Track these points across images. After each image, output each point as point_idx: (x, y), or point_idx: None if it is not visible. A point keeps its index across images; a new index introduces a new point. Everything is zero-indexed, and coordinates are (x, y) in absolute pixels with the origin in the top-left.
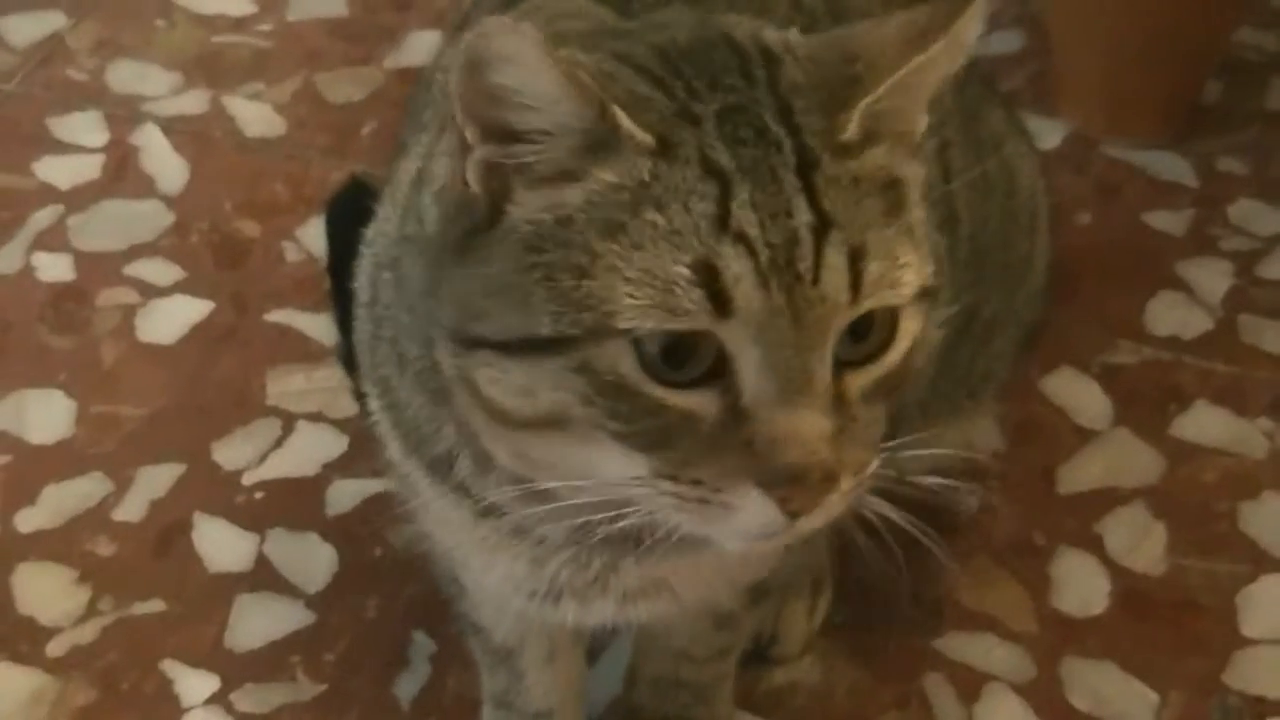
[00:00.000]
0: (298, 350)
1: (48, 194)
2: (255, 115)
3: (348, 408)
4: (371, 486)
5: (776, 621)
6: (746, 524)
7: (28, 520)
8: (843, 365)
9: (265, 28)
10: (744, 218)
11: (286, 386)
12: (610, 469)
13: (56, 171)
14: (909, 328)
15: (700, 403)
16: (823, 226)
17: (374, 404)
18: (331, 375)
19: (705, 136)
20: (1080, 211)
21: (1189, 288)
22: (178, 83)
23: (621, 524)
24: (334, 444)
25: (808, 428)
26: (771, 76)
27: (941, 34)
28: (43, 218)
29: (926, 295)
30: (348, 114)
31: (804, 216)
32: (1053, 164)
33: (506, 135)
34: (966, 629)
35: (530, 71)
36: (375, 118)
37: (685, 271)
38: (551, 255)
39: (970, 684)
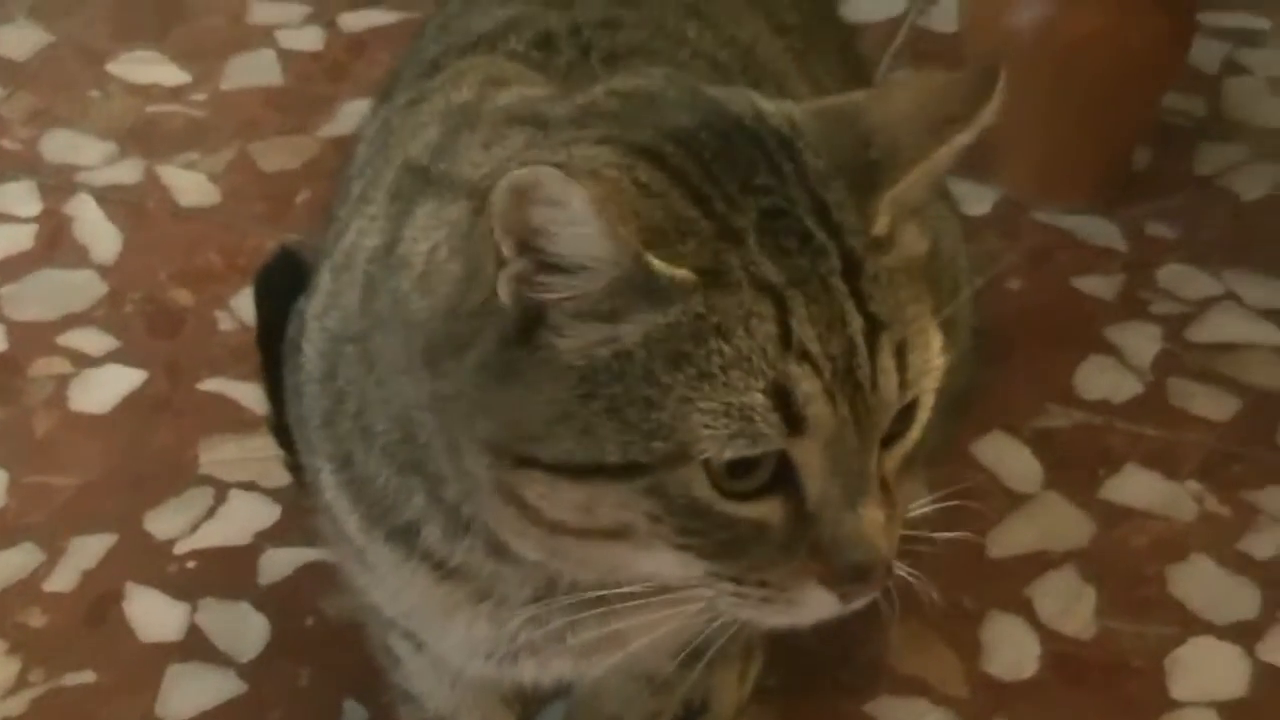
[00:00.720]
0: (231, 419)
1: None
2: (190, 185)
3: (281, 477)
4: (304, 555)
5: (708, 687)
6: (807, 616)
7: None
8: (881, 447)
9: (200, 97)
10: (804, 334)
11: (220, 455)
12: (668, 571)
13: None
14: (927, 400)
15: (766, 512)
16: (873, 330)
17: (329, 479)
18: (265, 445)
19: (750, 254)
20: (1011, 277)
21: (1119, 352)
22: (112, 152)
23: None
24: (267, 513)
25: (870, 526)
26: (799, 169)
27: (966, 125)
28: None
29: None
30: (282, 183)
31: (856, 323)
32: (983, 229)
33: (544, 265)
34: (898, 693)
35: (577, 224)
36: (310, 187)
37: (760, 399)
38: (614, 389)
39: None
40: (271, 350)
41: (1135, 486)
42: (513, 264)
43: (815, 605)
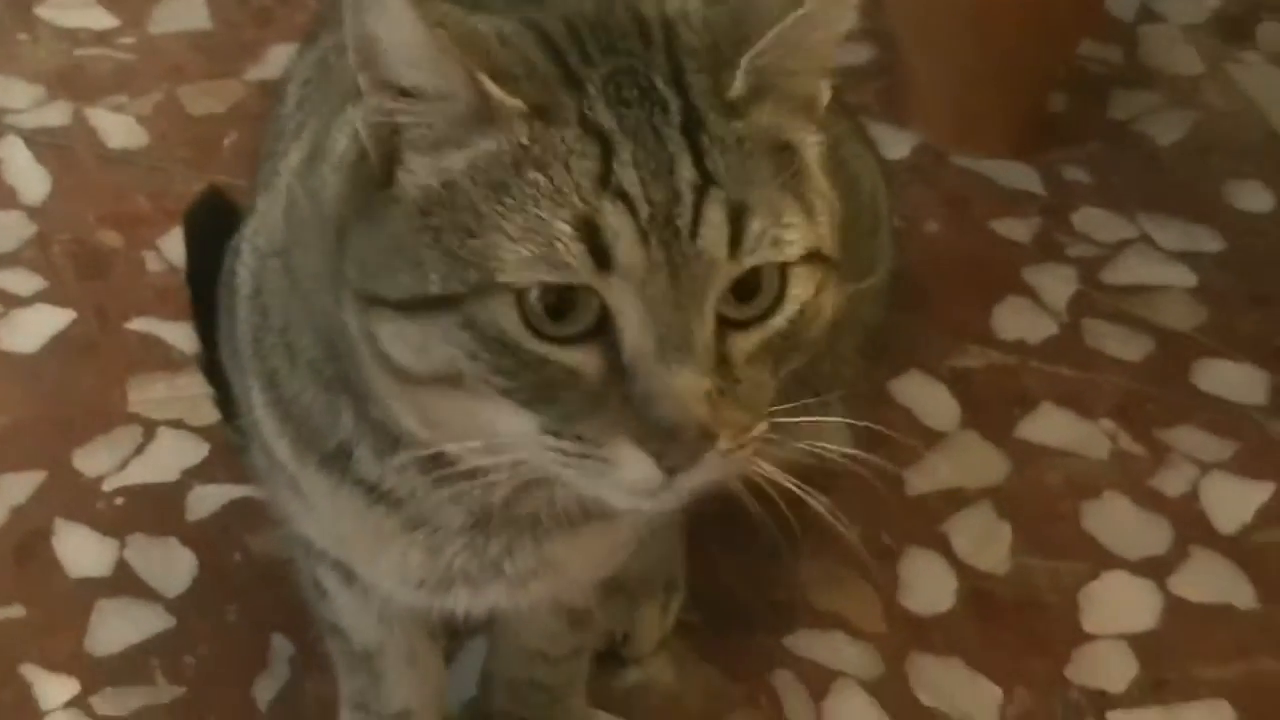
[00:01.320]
0: (159, 359)
1: None
2: (118, 127)
3: (209, 415)
4: (232, 492)
5: (630, 621)
6: (626, 479)
7: None
8: (728, 326)
9: (128, 40)
10: (625, 176)
11: (148, 394)
12: (502, 426)
13: None
14: (797, 292)
15: (581, 359)
16: (704, 184)
17: (258, 399)
18: (193, 383)
19: (588, 99)
20: (929, 220)
21: (1035, 294)
22: (40, 95)
23: (515, 483)
24: (194, 451)
25: (684, 385)
26: (668, 40)
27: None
28: None
29: (822, 261)
30: (209, 126)
31: (686, 174)
32: (902, 174)
33: (391, 88)
34: (817, 627)
35: (398, 26)
36: (236, 130)
37: (566, 228)
38: (440, 218)
39: (820, 681)
40: (200, 289)
41: (1050, 425)
42: (370, 98)
43: (630, 467)
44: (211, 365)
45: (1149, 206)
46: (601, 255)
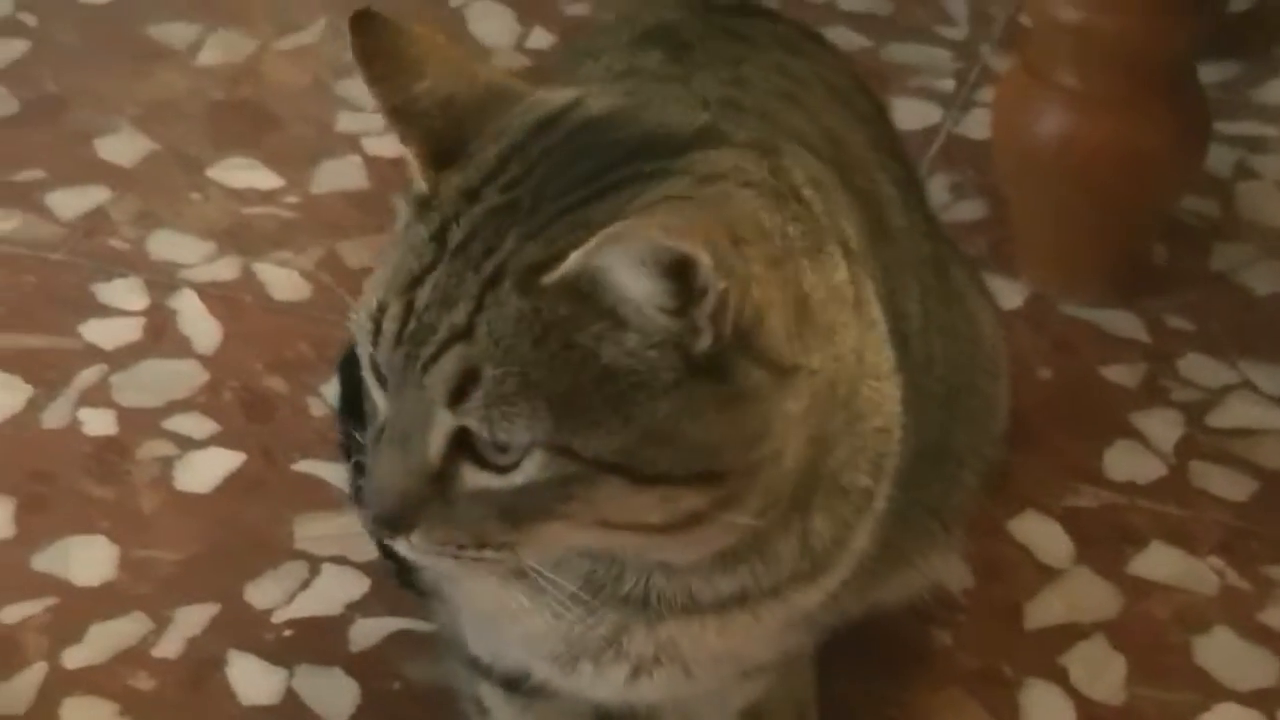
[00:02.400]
0: (322, 498)
1: (92, 354)
2: (282, 280)
3: (369, 552)
4: (391, 625)
5: None
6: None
7: (74, 657)
8: (471, 460)
9: (291, 200)
10: (422, 292)
11: (312, 531)
12: None
13: (100, 333)
14: (531, 468)
15: (376, 405)
16: (459, 335)
17: None
18: (354, 521)
19: (461, 213)
20: (1041, 366)
21: (1143, 436)
22: (211, 251)
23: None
24: (356, 585)
25: (385, 473)
26: (564, 209)
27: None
28: (88, 376)
29: (581, 460)
30: (367, 278)
31: (457, 319)
32: (1014, 322)
33: None
34: None
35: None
36: None
37: (373, 303)
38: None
39: None
40: (352, 422)
41: (1159, 562)
42: None
43: (365, 511)
44: (360, 495)
45: (1249, 353)
46: (377, 338)
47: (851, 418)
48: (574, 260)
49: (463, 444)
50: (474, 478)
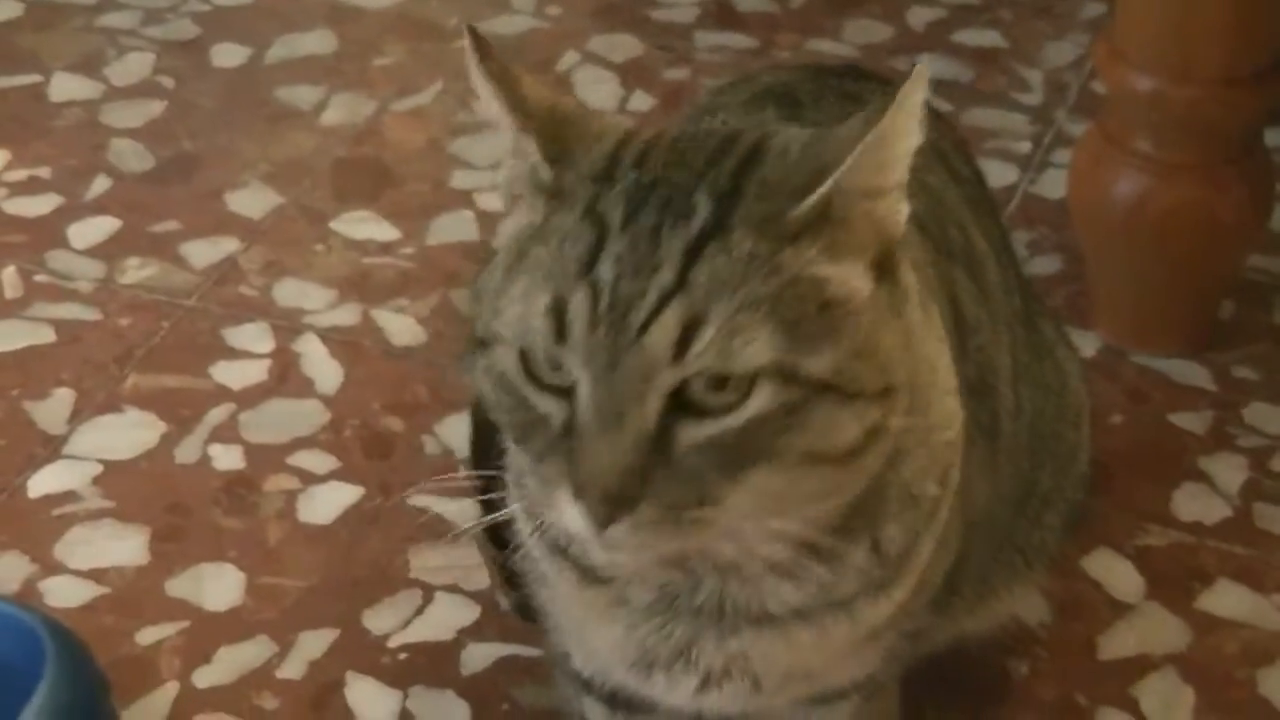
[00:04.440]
0: (436, 530)
1: (222, 394)
2: (400, 327)
3: (480, 581)
4: (500, 650)
5: None
6: (568, 523)
7: (204, 677)
8: (684, 413)
9: (408, 250)
10: (604, 268)
11: (427, 562)
12: (520, 460)
13: (230, 375)
14: (758, 403)
15: (553, 408)
16: (674, 291)
17: (513, 495)
18: (466, 554)
19: (606, 194)
20: (1113, 413)
21: (1210, 479)
22: (333, 298)
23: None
24: (468, 613)
25: (601, 455)
26: (742, 166)
27: (886, 103)
28: (217, 415)
29: (809, 385)
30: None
31: (663, 279)
32: (1089, 371)
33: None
34: None
35: (487, 98)
36: None
37: (543, 303)
38: (497, 269)
39: None
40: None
41: (1226, 599)
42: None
43: (569, 513)
44: (494, 535)
45: None
46: (562, 331)
47: (926, 426)
48: (826, 188)
49: (677, 403)
50: (693, 431)
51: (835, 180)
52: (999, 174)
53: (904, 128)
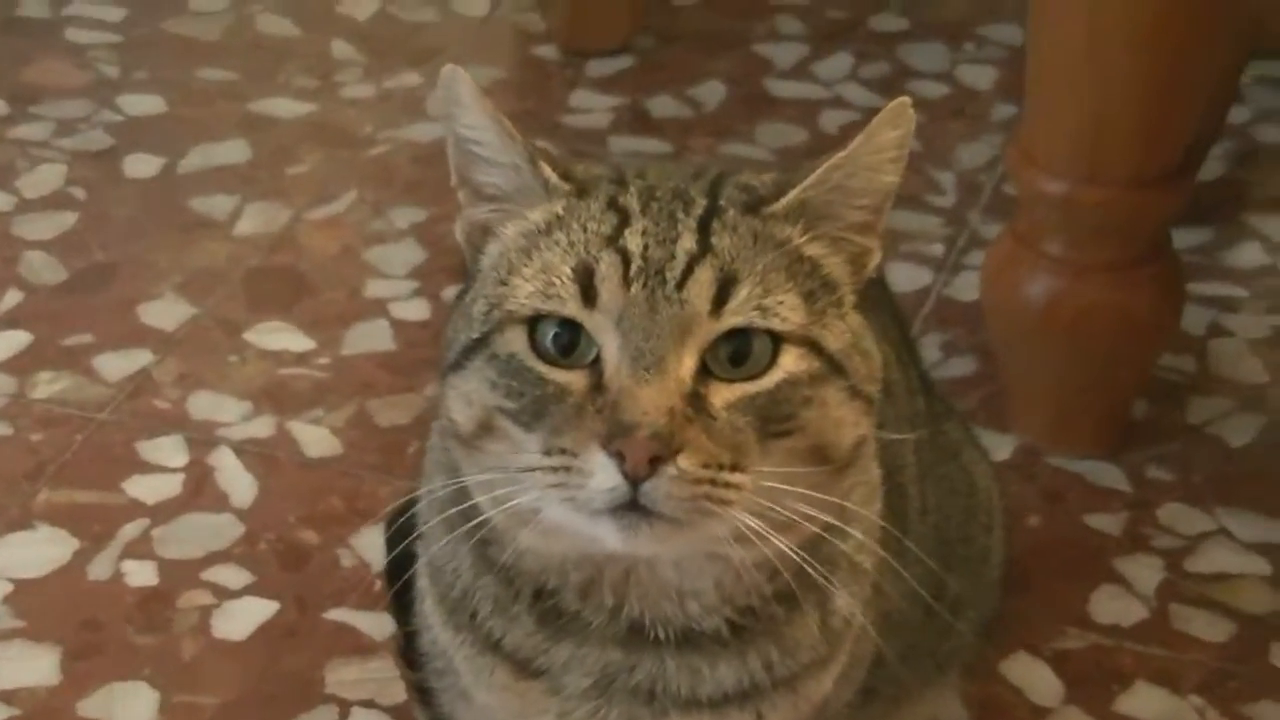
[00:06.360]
0: (352, 645)
1: (136, 509)
2: (315, 438)
3: (398, 695)
4: None
5: None
6: (596, 486)
7: None
8: (713, 378)
9: (323, 361)
10: (630, 239)
11: (343, 676)
12: (514, 458)
13: (143, 489)
14: (788, 364)
15: (571, 377)
16: (701, 253)
17: (424, 583)
18: (382, 666)
19: (622, 189)
20: (1030, 514)
21: (1126, 581)
22: (248, 410)
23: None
24: None
25: (646, 393)
26: (717, 179)
27: (860, 133)
28: (131, 530)
29: (822, 358)
30: (395, 436)
31: (687, 244)
32: (1005, 473)
33: (481, 194)
34: None
35: (476, 117)
36: (419, 438)
37: (567, 269)
38: (490, 279)
39: None
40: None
41: (1145, 701)
42: (465, 209)
43: (599, 474)
44: (406, 650)
45: (1226, 502)
46: (589, 294)
47: (868, 493)
48: (793, 195)
49: (711, 362)
50: (727, 391)
51: (803, 189)
52: (913, 277)
53: (871, 160)
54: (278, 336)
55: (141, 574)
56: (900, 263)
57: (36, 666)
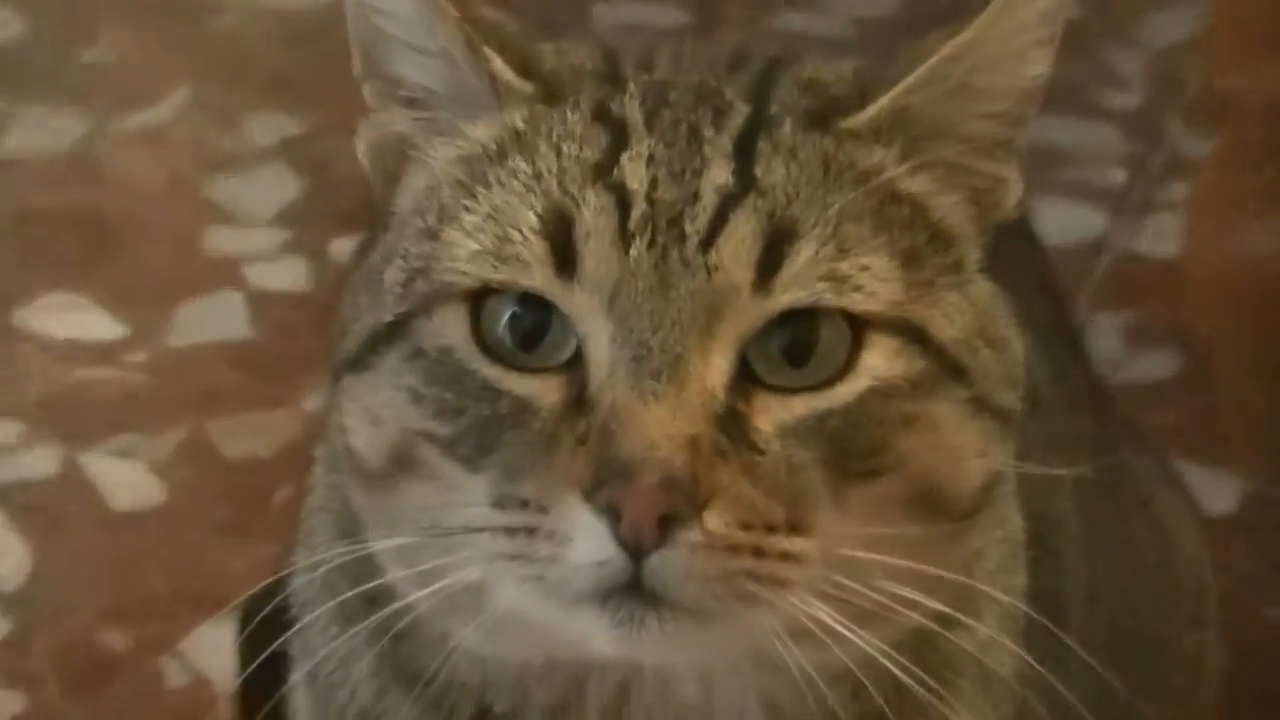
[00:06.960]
0: None
1: None
2: (124, 480)
3: None
4: None
5: None
6: (577, 558)
7: None
8: (763, 388)
9: (138, 358)
10: (630, 169)
11: None
12: (450, 515)
13: None
14: (875, 363)
15: (538, 389)
16: (741, 192)
17: (300, 706)
18: None
19: (620, 96)
20: (1269, 601)
21: None
22: (18, 436)
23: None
24: None
25: (654, 414)
26: (768, 69)
27: (978, 19)
28: None
29: (931, 350)
30: (252, 476)
31: (718, 178)
32: (1226, 533)
33: (395, 90)
34: None
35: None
36: (291, 480)
37: (531, 217)
38: (411, 228)
39: None
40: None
41: None
42: (374, 112)
43: (581, 539)
44: None
45: None
46: (566, 256)
47: (1004, 561)
48: (885, 99)
49: (757, 363)
50: (781, 408)
51: (902, 91)
52: (1077, 223)
53: (1006, 44)
54: (66, 318)
55: None
56: (1057, 201)
57: None
